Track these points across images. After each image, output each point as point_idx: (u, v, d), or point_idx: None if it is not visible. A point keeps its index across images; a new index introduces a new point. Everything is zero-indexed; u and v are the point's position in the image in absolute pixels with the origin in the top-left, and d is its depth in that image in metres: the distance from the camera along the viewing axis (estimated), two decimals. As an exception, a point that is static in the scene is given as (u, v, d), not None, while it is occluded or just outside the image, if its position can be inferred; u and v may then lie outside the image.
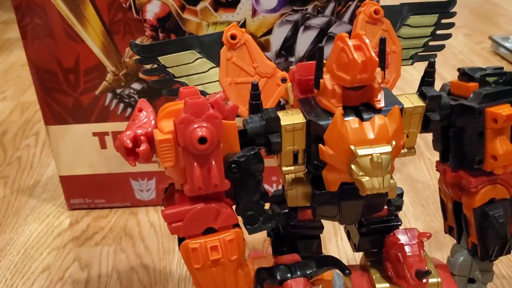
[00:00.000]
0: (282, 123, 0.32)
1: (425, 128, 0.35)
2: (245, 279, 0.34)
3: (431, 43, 0.40)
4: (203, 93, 0.37)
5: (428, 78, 0.35)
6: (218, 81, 0.37)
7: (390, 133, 0.30)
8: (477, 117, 0.34)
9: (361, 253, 0.40)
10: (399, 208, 0.38)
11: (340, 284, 0.40)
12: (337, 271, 0.41)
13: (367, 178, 0.30)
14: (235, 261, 0.33)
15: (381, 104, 0.31)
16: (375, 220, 0.38)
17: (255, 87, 0.33)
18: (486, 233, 0.38)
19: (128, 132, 0.31)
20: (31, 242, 0.61)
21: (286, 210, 0.36)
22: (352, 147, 0.30)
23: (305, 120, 0.32)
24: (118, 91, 0.59)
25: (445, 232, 0.43)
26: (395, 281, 0.37)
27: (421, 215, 0.62)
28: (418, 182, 0.68)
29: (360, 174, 0.30)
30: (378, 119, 0.30)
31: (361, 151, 0.30)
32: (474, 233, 0.39)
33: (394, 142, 0.30)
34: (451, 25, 0.40)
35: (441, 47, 0.40)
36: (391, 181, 0.34)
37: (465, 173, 0.37)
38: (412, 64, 0.40)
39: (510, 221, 0.38)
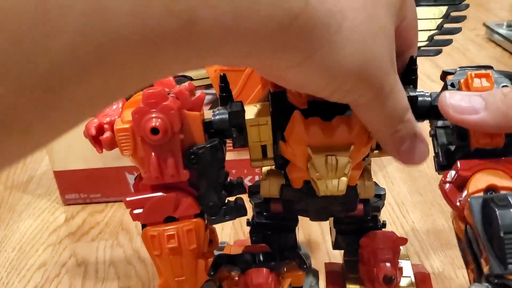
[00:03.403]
0: (246, 117, 0.31)
1: None
2: (206, 269, 0.34)
3: (436, 37, 0.37)
4: (186, 78, 0.37)
5: (411, 76, 0.32)
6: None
7: (350, 135, 0.29)
8: (452, 89, 0.31)
9: None
10: (377, 209, 0.37)
11: (314, 281, 0.40)
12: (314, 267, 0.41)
13: (322, 180, 0.29)
14: (194, 251, 0.33)
15: None
16: (350, 219, 0.37)
17: (222, 79, 0.33)
18: (491, 227, 0.28)
19: (95, 120, 0.32)
20: (26, 238, 0.60)
21: (260, 201, 0.36)
22: (308, 149, 0.29)
23: (269, 116, 0.31)
24: (111, 84, 0.58)
25: (474, 280, 0.32)
26: (366, 284, 0.36)
27: (418, 203, 0.62)
28: (415, 171, 0.68)
29: (315, 174, 0.29)
30: (340, 120, 0.29)
31: (315, 153, 0.29)
32: (482, 244, 0.29)
33: (352, 146, 0.29)
34: (462, 18, 0.37)
35: (448, 42, 0.38)
36: (368, 182, 0.33)
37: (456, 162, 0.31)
38: None
39: None
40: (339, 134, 0.29)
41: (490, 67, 0.32)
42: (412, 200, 0.62)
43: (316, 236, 0.57)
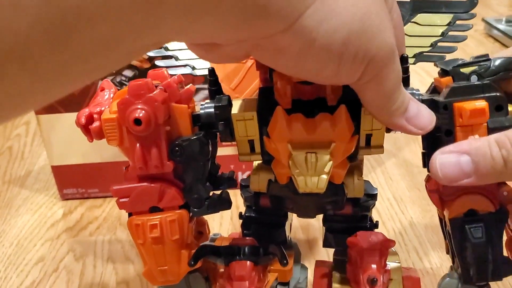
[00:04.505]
0: (233, 112, 0.31)
1: (391, 129, 0.32)
2: (189, 259, 0.35)
3: (440, 44, 0.36)
4: (189, 66, 0.37)
5: (402, 74, 0.30)
6: None
7: (332, 133, 0.29)
8: (443, 113, 0.31)
9: None
10: (366, 209, 0.36)
11: (302, 277, 0.40)
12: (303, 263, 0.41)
13: (302, 176, 0.29)
14: (176, 241, 0.34)
15: (334, 101, 0.30)
16: (340, 217, 0.36)
17: (211, 72, 0.33)
18: (464, 250, 0.33)
19: (86, 110, 0.33)
20: (24, 233, 0.60)
21: (250, 195, 0.36)
22: (289, 145, 0.29)
23: (255, 111, 0.31)
24: (110, 78, 0.58)
25: (446, 253, 0.38)
26: (352, 284, 0.35)
27: (417, 199, 0.62)
28: (413, 166, 0.68)
29: (295, 171, 0.29)
30: (322, 117, 0.29)
31: (296, 150, 0.29)
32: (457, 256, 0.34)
33: (334, 144, 0.29)
34: (467, 27, 0.36)
35: (452, 49, 0.36)
36: (357, 181, 0.33)
37: None
38: (414, 63, 0.36)
39: (497, 240, 0.33)
40: (321, 131, 0.29)
41: (487, 57, 0.32)
42: (411, 195, 0.62)
43: (315, 231, 0.57)
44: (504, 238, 0.34)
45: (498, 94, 0.30)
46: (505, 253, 0.34)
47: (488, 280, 0.35)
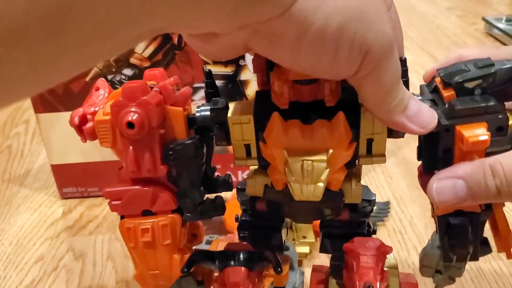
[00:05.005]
0: (229, 115, 0.31)
1: (392, 133, 0.31)
2: (181, 264, 0.35)
3: None
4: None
5: (401, 78, 0.29)
6: None
7: (329, 140, 0.29)
8: (444, 134, 0.30)
9: None
10: (364, 215, 0.35)
11: (298, 282, 0.39)
12: (300, 268, 0.40)
13: (298, 184, 0.29)
14: (168, 246, 0.34)
15: (333, 102, 0.29)
16: (337, 223, 0.36)
17: (208, 75, 0.32)
18: (447, 242, 0.34)
19: (80, 110, 0.32)
20: (23, 232, 0.60)
21: (246, 198, 0.35)
22: (285, 152, 0.29)
23: (252, 115, 0.30)
24: (109, 77, 0.58)
25: (432, 216, 0.38)
26: None
27: (417, 197, 0.62)
28: (413, 165, 0.68)
29: (291, 178, 0.29)
30: (319, 124, 0.29)
31: (292, 157, 0.29)
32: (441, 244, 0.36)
33: (331, 151, 0.29)
34: None
35: None
36: (355, 186, 0.32)
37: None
38: None
39: (480, 230, 0.34)
40: (318, 138, 0.29)
41: (491, 67, 0.31)
42: (410, 194, 0.62)
43: (314, 230, 0.57)
44: None
45: (500, 116, 0.30)
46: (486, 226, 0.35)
47: (466, 261, 0.36)
